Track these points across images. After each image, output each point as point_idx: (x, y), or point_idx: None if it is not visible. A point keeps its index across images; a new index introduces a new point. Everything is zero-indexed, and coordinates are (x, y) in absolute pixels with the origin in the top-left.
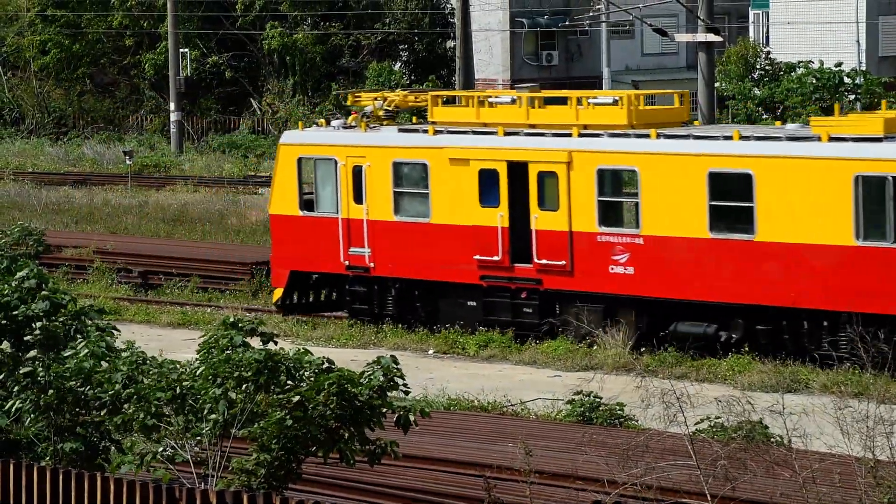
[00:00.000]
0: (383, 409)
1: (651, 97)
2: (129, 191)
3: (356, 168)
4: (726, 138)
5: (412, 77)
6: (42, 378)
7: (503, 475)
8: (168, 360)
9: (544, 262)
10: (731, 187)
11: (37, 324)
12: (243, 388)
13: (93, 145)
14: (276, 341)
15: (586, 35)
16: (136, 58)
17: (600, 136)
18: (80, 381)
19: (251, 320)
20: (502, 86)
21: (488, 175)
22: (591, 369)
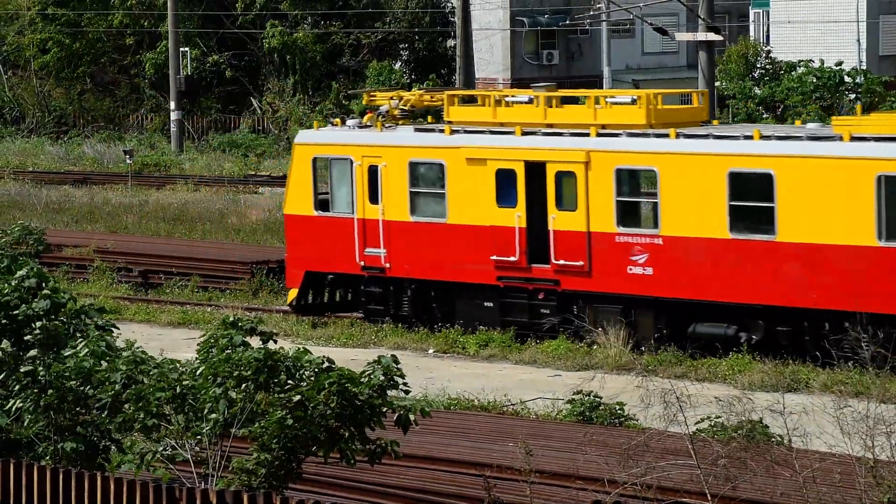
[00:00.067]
0: (383, 409)
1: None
2: (130, 190)
3: (372, 168)
4: (747, 138)
5: (412, 76)
6: (42, 377)
7: (503, 475)
8: (168, 359)
9: (562, 262)
10: (751, 187)
11: (37, 323)
12: (243, 388)
13: (93, 144)
14: (275, 340)
15: (587, 34)
16: (137, 57)
17: (619, 135)
18: (81, 380)
19: (251, 319)
20: (503, 85)
21: (505, 175)
22: (592, 369)
